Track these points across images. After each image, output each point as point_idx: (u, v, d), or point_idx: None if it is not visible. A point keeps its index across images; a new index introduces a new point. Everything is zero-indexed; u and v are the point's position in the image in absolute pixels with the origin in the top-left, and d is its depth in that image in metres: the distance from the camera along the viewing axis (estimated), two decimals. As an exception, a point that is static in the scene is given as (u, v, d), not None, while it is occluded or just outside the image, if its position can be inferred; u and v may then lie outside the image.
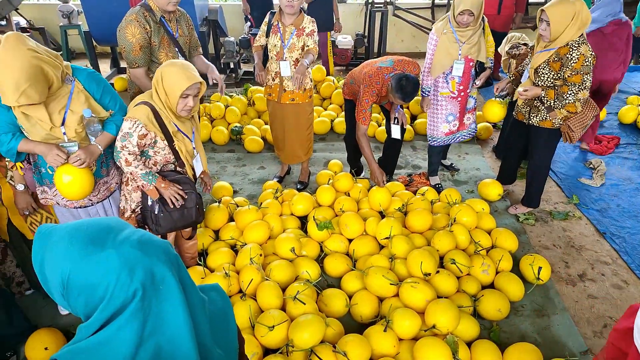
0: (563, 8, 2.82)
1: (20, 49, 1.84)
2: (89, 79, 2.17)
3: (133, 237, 0.89)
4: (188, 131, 2.39)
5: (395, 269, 2.73)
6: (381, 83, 3.23)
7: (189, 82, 2.13)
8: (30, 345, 2.38)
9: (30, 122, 2.07)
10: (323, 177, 3.78)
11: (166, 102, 2.22)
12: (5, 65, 1.83)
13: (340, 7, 7.46)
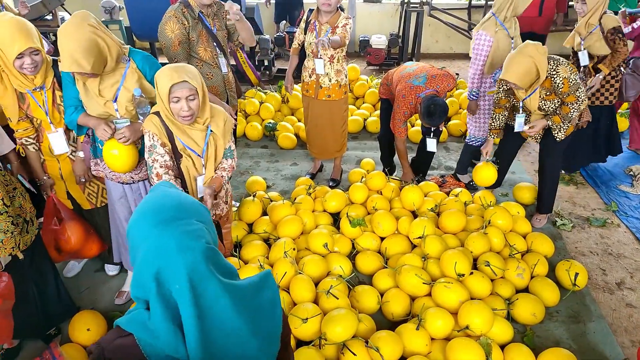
0: (522, 68, 2.77)
1: (82, 24, 2.02)
2: (144, 61, 2.28)
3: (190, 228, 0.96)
4: (196, 146, 2.20)
5: (427, 268, 2.72)
6: (414, 103, 3.31)
7: (169, 83, 1.96)
8: (73, 325, 2.48)
9: (88, 96, 2.23)
10: (355, 176, 3.80)
11: (163, 110, 2.09)
12: (66, 35, 2.01)
13: (375, 7, 7.49)
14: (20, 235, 2.14)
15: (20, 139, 2.43)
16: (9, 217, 2.05)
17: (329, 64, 3.39)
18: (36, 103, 2.34)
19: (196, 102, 2.05)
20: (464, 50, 7.51)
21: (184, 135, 2.15)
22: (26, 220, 2.20)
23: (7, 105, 2.31)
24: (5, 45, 2.12)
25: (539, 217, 3.43)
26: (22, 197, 2.20)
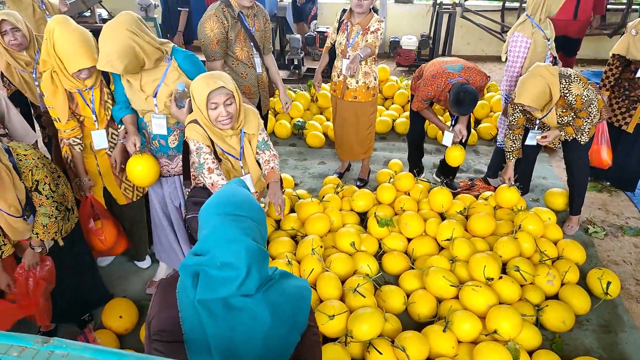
0: (535, 90, 2.77)
1: (121, 28, 2.10)
2: (186, 59, 2.34)
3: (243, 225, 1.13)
4: (234, 150, 2.26)
5: (455, 271, 2.71)
6: (442, 87, 3.20)
7: (207, 90, 2.00)
8: (106, 312, 2.56)
9: (132, 90, 2.32)
10: (383, 176, 3.80)
11: (201, 118, 2.12)
12: (105, 36, 2.11)
13: (406, 8, 7.45)
14: (63, 222, 2.22)
15: (68, 139, 2.47)
16: (54, 202, 2.13)
17: None
18: (84, 102, 2.41)
19: (233, 106, 2.09)
20: (496, 53, 7.40)
21: (221, 140, 2.20)
22: (68, 208, 2.28)
23: (57, 105, 2.36)
24: (68, 57, 2.20)
25: (571, 224, 3.36)
26: (65, 185, 2.29)
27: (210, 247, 1.11)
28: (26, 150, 2.05)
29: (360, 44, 3.30)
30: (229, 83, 2.07)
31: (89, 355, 0.82)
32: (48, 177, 2.10)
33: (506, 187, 3.30)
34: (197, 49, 3.10)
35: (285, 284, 1.19)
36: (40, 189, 2.08)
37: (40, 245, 2.21)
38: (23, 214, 2.08)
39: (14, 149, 2.03)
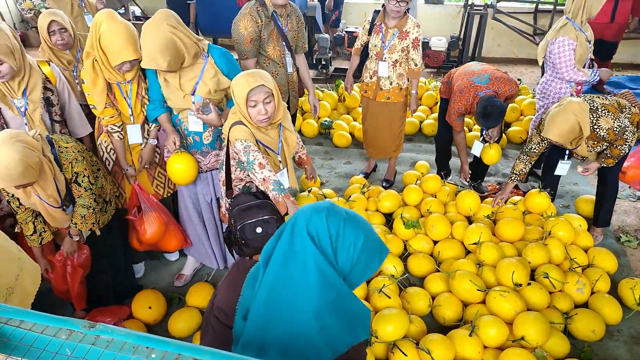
0: (565, 127, 2.69)
1: (162, 23, 2.14)
2: (222, 57, 2.39)
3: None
4: (274, 143, 2.30)
5: (482, 275, 2.68)
6: (471, 101, 3.20)
7: (247, 88, 2.04)
8: (136, 302, 2.63)
9: (169, 89, 2.37)
10: (409, 178, 3.78)
11: (242, 114, 2.16)
12: (147, 34, 2.15)
13: (436, 8, 7.38)
14: (100, 214, 2.29)
15: (106, 126, 2.53)
16: (92, 194, 2.20)
17: (392, 67, 3.39)
18: (122, 94, 2.47)
19: (272, 104, 2.11)
20: (527, 56, 7.27)
21: (262, 134, 2.23)
22: (106, 200, 2.36)
23: (95, 93, 2.41)
24: (112, 50, 2.26)
25: (595, 234, 3.27)
26: (104, 178, 2.36)
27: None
28: (67, 143, 2.13)
29: (398, 47, 3.29)
30: (269, 81, 2.10)
31: (133, 341, 0.85)
32: (87, 170, 2.16)
33: (536, 192, 3.25)
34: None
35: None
36: (80, 181, 2.15)
37: (78, 234, 2.29)
38: (62, 204, 2.16)
39: (56, 141, 2.10)
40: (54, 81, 2.50)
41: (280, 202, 2.11)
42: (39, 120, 2.40)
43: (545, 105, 3.58)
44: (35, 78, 2.37)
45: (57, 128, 2.54)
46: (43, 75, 2.43)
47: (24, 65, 2.30)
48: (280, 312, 1.06)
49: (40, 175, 1.97)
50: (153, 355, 0.82)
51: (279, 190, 2.09)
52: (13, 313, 0.92)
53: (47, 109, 2.46)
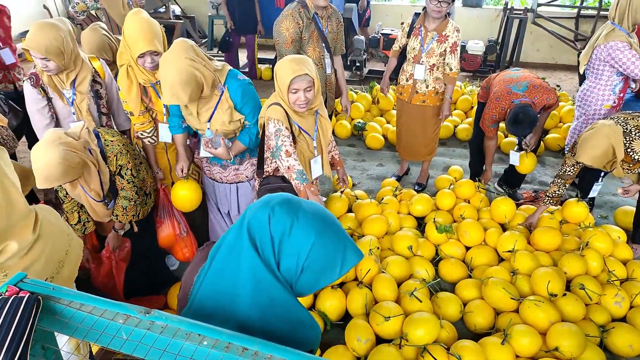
0: (598, 151, 2.61)
1: (181, 57, 2.11)
2: (237, 90, 2.34)
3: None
4: (310, 129, 2.37)
5: (516, 284, 2.64)
6: (506, 109, 3.16)
7: (291, 75, 2.10)
8: (172, 293, 2.70)
9: (187, 112, 2.40)
10: (442, 182, 3.75)
11: (281, 96, 2.23)
12: (166, 67, 2.13)
13: (474, 12, 7.29)
14: (141, 206, 2.38)
15: (137, 132, 2.63)
16: (134, 186, 2.29)
17: (429, 71, 3.38)
18: (157, 95, 2.55)
19: (312, 92, 2.19)
20: (567, 62, 7.09)
21: (301, 118, 2.30)
22: (146, 193, 2.44)
23: (130, 100, 2.49)
24: (132, 42, 2.32)
25: (635, 246, 3.18)
26: (146, 171, 2.45)
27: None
28: (113, 137, 2.21)
29: (436, 51, 3.28)
30: (312, 70, 2.16)
31: (186, 328, 0.89)
32: (130, 163, 2.25)
33: (574, 201, 3.18)
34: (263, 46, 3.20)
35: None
36: (123, 173, 2.23)
37: (122, 228, 2.38)
38: (104, 198, 2.25)
39: (102, 134, 2.20)
40: (102, 75, 2.62)
41: (301, 192, 2.20)
42: (86, 111, 2.53)
43: (585, 113, 3.49)
44: (85, 72, 2.49)
45: (103, 120, 2.66)
46: (93, 70, 2.55)
47: (73, 62, 2.42)
48: (218, 304, 1.03)
49: (82, 172, 2.06)
50: (205, 343, 0.86)
51: (301, 180, 2.18)
52: (74, 296, 0.97)
53: (95, 101, 2.58)
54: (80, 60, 2.48)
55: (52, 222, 1.34)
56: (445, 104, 3.50)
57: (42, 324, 0.94)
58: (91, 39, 2.90)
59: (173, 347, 0.87)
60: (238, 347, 0.85)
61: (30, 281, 1.00)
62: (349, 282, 2.78)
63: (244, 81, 2.38)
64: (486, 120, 3.31)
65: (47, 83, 2.44)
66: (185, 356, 0.85)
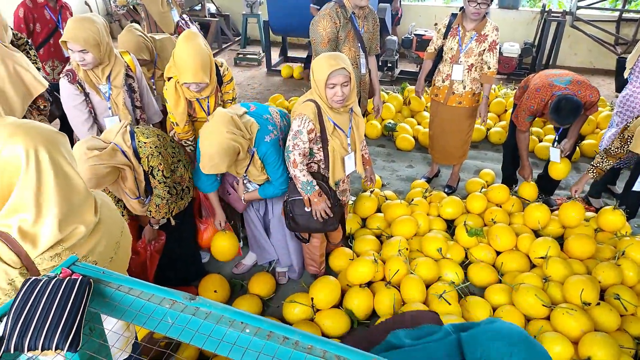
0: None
1: (222, 131, 2.21)
2: (265, 154, 2.42)
3: None
4: (345, 125, 2.41)
5: (548, 291, 2.60)
6: (546, 100, 3.04)
7: (328, 70, 2.14)
8: (202, 286, 2.77)
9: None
10: (473, 185, 3.71)
11: (318, 94, 2.27)
12: (207, 140, 2.23)
13: (510, 13, 7.16)
14: (175, 204, 2.44)
15: (180, 140, 2.71)
16: (166, 186, 2.34)
17: (467, 71, 3.35)
18: (201, 107, 2.64)
19: (348, 87, 2.22)
20: (606, 66, 6.89)
21: (336, 115, 2.33)
22: (183, 188, 2.50)
23: (177, 113, 2.58)
24: (180, 69, 2.40)
25: None
26: (184, 167, 2.50)
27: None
28: (147, 138, 2.25)
29: (475, 50, 3.25)
30: (349, 66, 2.20)
31: (229, 315, 0.93)
32: (162, 165, 2.29)
33: (610, 209, 3.10)
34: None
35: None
36: (154, 174, 2.29)
37: (158, 222, 2.46)
38: (139, 196, 2.33)
39: (137, 135, 2.25)
40: (133, 69, 2.71)
41: (305, 199, 2.41)
42: (122, 105, 2.61)
43: (626, 119, 3.40)
44: (119, 66, 2.59)
45: (138, 113, 2.75)
46: (125, 64, 2.64)
47: (108, 56, 2.51)
48: None
49: (118, 175, 2.17)
50: (247, 330, 0.89)
51: (306, 191, 2.37)
52: (122, 280, 1.02)
53: (129, 95, 2.67)
54: (114, 55, 2.58)
55: (108, 203, 1.41)
56: (482, 104, 3.44)
57: (93, 305, 0.99)
58: (127, 39, 3.00)
59: (217, 333, 0.90)
60: (279, 336, 0.88)
61: (82, 264, 1.05)
62: (376, 282, 2.79)
63: (271, 142, 2.41)
64: (522, 112, 3.19)
65: (83, 79, 2.52)
66: (228, 342, 0.88)
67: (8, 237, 1.19)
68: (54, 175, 1.19)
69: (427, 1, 8.44)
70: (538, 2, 8.26)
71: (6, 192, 1.19)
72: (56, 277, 0.98)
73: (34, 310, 0.89)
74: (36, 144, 1.18)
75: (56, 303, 0.91)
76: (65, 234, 1.22)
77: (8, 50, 2.58)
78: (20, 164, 1.16)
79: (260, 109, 2.52)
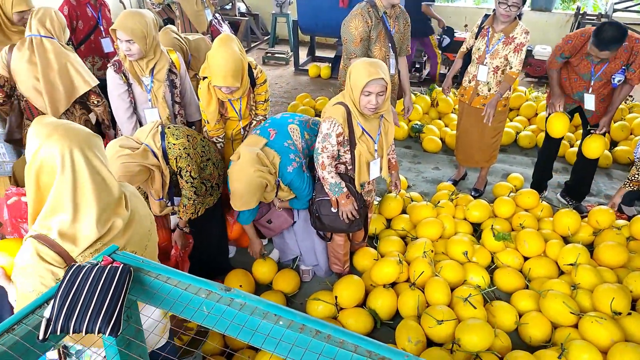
0: None
1: (250, 170, 2.33)
2: (290, 182, 2.52)
3: None
4: (373, 131, 2.40)
5: (577, 298, 2.55)
6: (586, 36, 2.97)
7: (367, 78, 2.14)
8: (229, 280, 2.81)
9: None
10: (501, 189, 3.66)
11: (352, 98, 2.27)
12: (237, 179, 2.37)
13: (543, 16, 7.02)
14: (202, 204, 2.49)
15: (211, 137, 2.77)
16: (192, 187, 2.38)
17: (492, 73, 3.31)
18: (232, 108, 2.71)
19: (383, 97, 2.22)
20: (642, 70, 6.68)
21: (365, 120, 2.34)
22: (212, 185, 2.55)
23: (209, 112, 2.65)
24: (213, 72, 2.46)
25: None
26: (214, 165, 2.55)
27: None
28: (177, 140, 2.30)
29: (501, 53, 3.21)
30: (387, 75, 2.19)
31: (263, 307, 0.95)
32: (190, 166, 2.34)
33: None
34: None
35: None
36: (182, 174, 2.34)
37: (186, 225, 2.51)
38: (162, 198, 2.39)
39: (167, 136, 2.29)
40: (178, 67, 2.80)
41: (332, 200, 2.45)
42: (162, 99, 2.71)
43: None
44: (163, 61, 2.69)
45: (176, 108, 2.84)
46: (170, 61, 2.73)
47: (153, 50, 2.61)
48: None
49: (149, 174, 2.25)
50: (280, 323, 0.91)
51: (333, 192, 2.41)
52: (160, 270, 1.05)
53: (170, 90, 2.77)
54: (160, 50, 2.68)
55: (137, 196, 1.46)
56: (491, 99, 3.27)
57: (132, 292, 1.03)
58: (162, 40, 3.06)
59: (251, 324, 0.92)
60: (312, 329, 0.90)
61: (122, 253, 1.09)
62: (401, 283, 2.78)
63: (294, 172, 2.48)
64: (556, 49, 3.17)
65: (128, 69, 2.63)
66: (262, 333, 0.90)
67: (47, 238, 1.24)
68: (89, 175, 1.24)
69: (458, 2, 8.35)
70: (572, 5, 8.08)
71: (46, 192, 1.25)
72: (98, 264, 1.02)
73: (78, 295, 0.93)
74: (71, 145, 1.23)
75: (99, 289, 0.95)
76: (103, 231, 1.28)
77: (64, 49, 2.76)
78: (56, 165, 1.21)
79: (280, 134, 2.54)
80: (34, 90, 2.74)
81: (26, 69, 2.69)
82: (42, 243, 1.23)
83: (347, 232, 2.68)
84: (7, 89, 2.76)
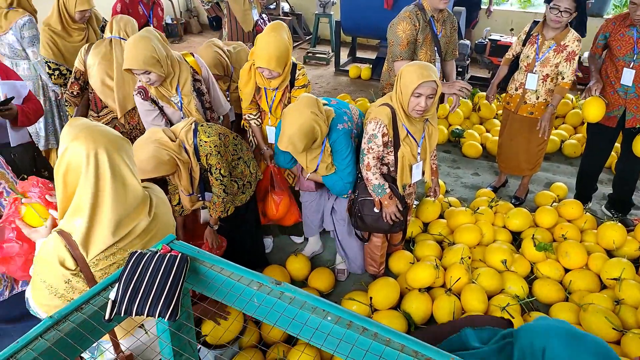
0: None
1: (306, 110, 2.30)
2: (335, 141, 2.48)
3: None
4: (417, 134, 2.42)
5: (620, 314, 2.48)
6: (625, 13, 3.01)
7: (419, 80, 2.16)
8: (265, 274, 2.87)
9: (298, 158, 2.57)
10: (543, 198, 3.58)
11: (400, 100, 2.29)
12: (290, 118, 2.32)
13: (594, 21, 6.78)
14: (232, 202, 2.53)
15: (245, 114, 2.86)
16: (222, 184, 2.42)
17: (541, 81, 3.24)
18: (266, 98, 2.75)
19: (432, 100, 2.24)
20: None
21: (410, 123, 2.36)
22: (244, 183, 2.61)
23: (245, 92, 2.75)
24: (256, 54, 2.54)
25: None
26: (245, 164, 2.59)
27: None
28: (208, 137, 2.34)
29: (552, 61, 3.14)
30: (438, 79, 2.21)
31: (312, 302, 0.99)
32: (220, 164, 2.38)
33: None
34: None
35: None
36: (212, 171, 2.39)
37: (217, 223, 2.56)
38: (192, 192, 2.45)
39: (199, 133, 2.34)
40: (199, 71, 2.75)
41: (376, 201, 2.47)
42: (195, 112, 2.66)
43: None
44: (185, 73, 2.60)
45: (208, 114, 2.83)
46: (191, 68, 2.67)
47: (172, 67, 2.53)
48: None
49: (177, 168, 2.29)
50: (329, 318, 0.95)
51: (377, 193, 2.44)
52: (215, 261, 1.11)
53: (199, 99, 2.73)
54: (177, 63, 2.57)
55: (164, 200, 1.50)
56: (546, 113, 3.21)
57: (189, 281, 1.09)
58: (204, 54, 3.08)
59: (300, 317, 0.96)
60: (359, 326, 0.93)
61: (179, 243, 1.16)
62: (436, 288, 2.78)
63: (342, 131, 2.46)
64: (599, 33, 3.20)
65: (155, 94, 2.58)
66: (311, 327, 0.94)
67: (70, 239, 1.25)
68: (111, 178, 1.25)
69: (504, 5, 8.17)
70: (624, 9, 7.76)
71: (72, 191, 1.27)
72: (158, 252, 1.09)
73: (140, 280, 1.00)
74: (97, 147, 1.24)
75: (159, 275, 1.01)
76: (118, 238, 1.29)
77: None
78: (81, 165, 1.23)
79: (341, 103, 2.61)
80: (102, 84, 2.94)
81: (99, 64, 2.91)
82: (64, 245, 1.25)
83: (389, 233, 2.70)
84: (82, 82, 3.03)
